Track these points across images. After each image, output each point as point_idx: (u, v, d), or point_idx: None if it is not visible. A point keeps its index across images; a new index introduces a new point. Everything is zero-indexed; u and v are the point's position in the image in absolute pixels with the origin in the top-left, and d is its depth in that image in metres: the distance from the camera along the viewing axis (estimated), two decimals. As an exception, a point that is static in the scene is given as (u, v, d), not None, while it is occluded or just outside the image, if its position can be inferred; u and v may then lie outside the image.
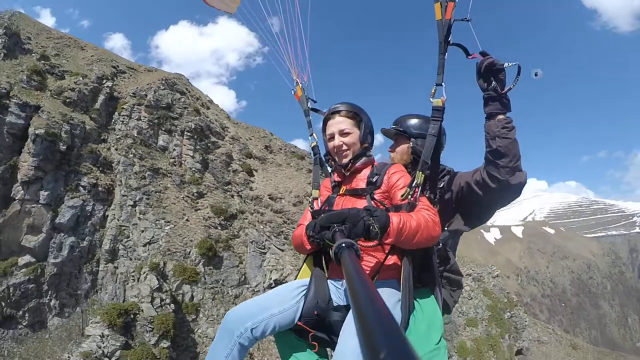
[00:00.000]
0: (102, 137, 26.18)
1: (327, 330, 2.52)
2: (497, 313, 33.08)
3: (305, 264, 2.96)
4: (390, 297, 2.44)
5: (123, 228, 23.85)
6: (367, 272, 2.52)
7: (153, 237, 23.59)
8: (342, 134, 2.81)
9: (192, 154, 27.73)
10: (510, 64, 2.47)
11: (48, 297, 21.30)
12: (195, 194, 26.27)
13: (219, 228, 25.63)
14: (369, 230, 2.11)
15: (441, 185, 3.01)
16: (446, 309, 2.84)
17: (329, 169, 3.21)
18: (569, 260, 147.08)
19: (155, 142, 27.24)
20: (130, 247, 23.58)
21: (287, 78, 3.73)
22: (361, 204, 2.63)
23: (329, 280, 2.73)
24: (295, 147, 39.45)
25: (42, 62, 26.70)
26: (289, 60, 3.60)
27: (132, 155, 25.59)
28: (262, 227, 26.91)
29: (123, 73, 30.43)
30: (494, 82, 2.55)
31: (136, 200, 24.46)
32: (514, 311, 34.76)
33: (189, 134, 28.26)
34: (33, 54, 27.10)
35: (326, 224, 2.19)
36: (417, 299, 2.51)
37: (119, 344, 18.65)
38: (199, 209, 25.90)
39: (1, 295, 19.76)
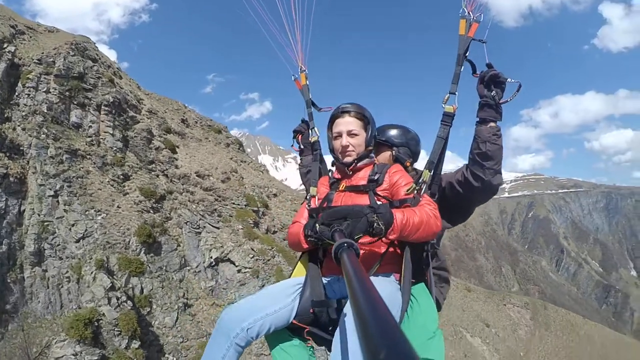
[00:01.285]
0: (5, 115, 22.66)
1: (323, 326, 2.57)
2: None
3: (300, 261, 3.09)
4: (389, 285, 2.54)
5: (46, 224, 21.36)
6: (367, 265, 2.65)
7: (86, 230, 21.67)
8: (350, 134, 2.93)
9: (111, 132, 25.38)
10: (512, 80, 2.72)
11: None
12: (121, 177, 24.57)
13: (152, 212, 24.53)
14: (372, 226, 2.20)
15: (438, 183, 3.11)
16: (437, 306, 2.95)
17: (329, 166, 3.38)
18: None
19: (67, 119, 24.33)
20: (58, 245, 21.31)
21: (289, 63, 3.71)
22: (362, 200, 2.77)
23: (324, 277, 2.79)
24: (211, 120, 38.11)
25: None
26: (296, 46, 3.56)
27: (44, 135, 22.60)
28: (194, 206, 26.29)
29: (22, 34, 26.06)
30: (493, 92, 2.77)
31: (56, 189, 21.96)
32: None
33: (106, 108, 25.58)
34: None
35: (327, 221, 2.25)
36: (412, 293, 2.62)
37: (96, 358, 17.49)
38: (127, 193, 24.36)
39: None
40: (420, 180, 2.73)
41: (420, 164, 3.49)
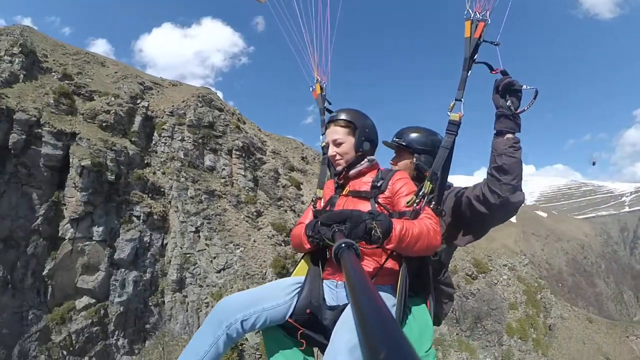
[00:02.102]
0: (145, 161, 24.68)
1: (318, 329, 2.53)
2: (531, 296, 37.54)
3: (302, 261, 2.97)
4: (385, 302, 2.34)
5: (188, 255, 22.84)
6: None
7: (226, 262, 22.75)
8: (335, 143, 2.82)
9: (243, 173, 26.87)
10: (528, 87, 2.54)
11: (115, 337, 20.14)
12: (254, 213, 25.55)
13: (283, 244, 25.11)
14: (370, 233, 2.13)
15: (445, 197, 3.01)
16: (436, 320, 2.83)
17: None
18: (562, 242, 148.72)
19: (202, 163, 26.10)
20: (199, 275, 22.61)
21: (308, 75, 3.74)
22: (364, 206, 2.66)
23: (324, 281, 2.72)
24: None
25: (66, 82, 24.50)
26: (313, 58, 3.61)
27: (183, 179, 24.38)
28: (321, 239, 26.81)
29: (150, 89, 28.74)
30: (509, 101, 2.61)
31: (197, 225, 23.40)
32: (542, 293, 39.59)
33: (237, 152, 27.32)
34: (53, 73, 24.92)
35: (327, 222, 2.19)
36: (410, 307, 2.54)
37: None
38: (261, 228, 25.24)
39: (63, 344, 18.49)
40: (421, 193, 2.54)
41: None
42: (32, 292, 18.77)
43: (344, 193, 2.84)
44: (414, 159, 3.26)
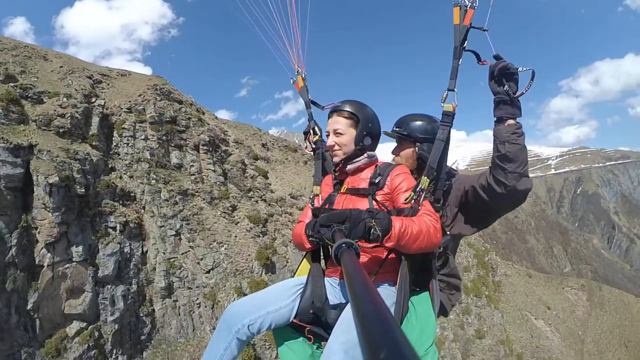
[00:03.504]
0: (109, 166, 23.35)
1: (324, 325, 2.61)
2: (480, 259, 41.85)
3: (304, 260, 3.09)
4: (385, 300, 2.44)
5: (172, 260, 22.51)
6: (367, 271, 2.58)
7: (214, 261, 22.87)
8: (336, 133, 2.81)
9: (212, 168, 26.50)
10: (524, 69, 2.49)
11: (114, 356, 19.70)
12: (229, 208, 25.57)
13: (261, 235, 25.61)
14: (369, 232, 2.15)
15: (444, 188, 2.92)
16: (443, 312, 2.90)
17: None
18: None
19: (169, 161, 25.29)
20: (186, 278, 22.50)
21: (286, 66, 3.66)
22: (362, 204, 2.68)
23: (326, 278, 2.80)
24: (285, 140, 39.19)
25: (11, 84, 21.98)
26: (291, 48, 3.50)
27: (154, 181, 23.63)
28: (294, 225, 27.28)
29: (100, 83, 26.78)
30: (506, 86, 2.55)
31: (177, 228, 23.06)
32: (489, 256, 45.67)
33: (204, 147, 26.75)
34: (-7, 75, 22.27)
35: (326, 223, 2.22)
36: (413, 303, 2.57)
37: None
38: (238, 222, 25.40)
39: None
40: (418, 189, 2.55)
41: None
42: (20, 330, 17.52)
43: (342, 190, 2.86)
44: (416, 148, 3.19)
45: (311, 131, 3.47)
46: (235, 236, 24.42)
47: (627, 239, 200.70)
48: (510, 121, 2.59)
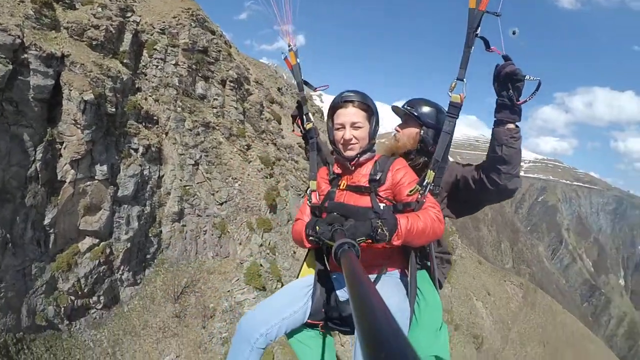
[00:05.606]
0: (136, 86, 23.26)
1: (337, 319, 2.60)
2: (446, 238, 45.86)
3: (307, 258, 3.03)
4: (398, 292, 2.50)
5: (187, 187, 23.65)
6: (373, 262, 2.61)
7: (228, 195, 24.28)
8: (354, 126, 2.65)
9: (235, 105, 27.06)
10: (531, 78, 2.41)
11: (120, 272, 20.63)
12: (245, 147, 26.60)
13: (269, 177, 27.00)
14: (376, 231, 2.14)
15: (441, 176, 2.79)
16: (439, 286, 2.89)
17: (328, 159, 3.12)
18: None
19: (194, 91, 25.60)
20: (198, 206, 23.76)
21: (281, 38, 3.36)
22: (364, 201, 2.61)
23: (332, 274, 2.73)
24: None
25: None
26: (281, 20, 3.15)
27: (180, 109, 24.19)
28: (298, 173, 29.11)
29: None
30: (511, 91, 2.49)
31: (196, 159, 24.07)
32: (452, 237, 52.36)
33: (231, 84, 27.01)
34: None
35: (331, 222, 2.26)
36: (418, 287, 2.56)
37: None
38: (251, 161, 26.58)
39: (72, 290, 18.40)
40: (425, 183, 2.53)
41: None
42: (33, 244, 17.59)
43: (341, 187, 2.75)
44: (422, 131, 3.14)
45: (304, 117, 3.26)
46: (248, 174, 25.77)
47: (570, 256, 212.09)
48: (510, 125, 2.59)
